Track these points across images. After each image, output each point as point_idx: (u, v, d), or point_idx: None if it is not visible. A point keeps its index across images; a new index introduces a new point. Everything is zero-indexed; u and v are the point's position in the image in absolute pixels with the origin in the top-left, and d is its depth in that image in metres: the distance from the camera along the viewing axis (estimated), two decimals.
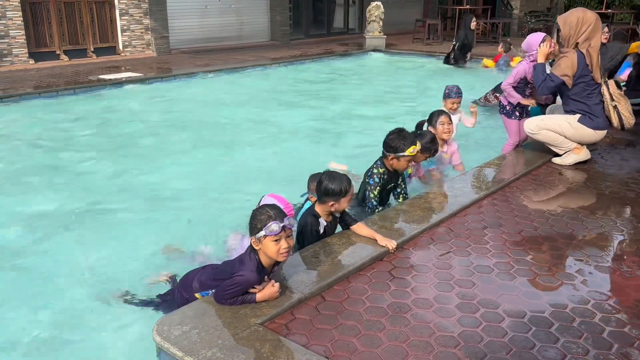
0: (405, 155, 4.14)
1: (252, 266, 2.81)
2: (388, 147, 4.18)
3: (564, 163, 5.30)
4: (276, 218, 2.76)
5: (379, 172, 4.25)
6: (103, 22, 13.04)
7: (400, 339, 2.65)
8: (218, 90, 10.42)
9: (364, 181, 4.39)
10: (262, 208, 2.87)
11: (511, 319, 2.83)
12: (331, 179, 3.49)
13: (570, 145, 5.25)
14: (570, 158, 5.29)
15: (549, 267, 3.37)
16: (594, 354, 2.57)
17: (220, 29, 15.42)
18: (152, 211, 5.00)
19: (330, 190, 3.47)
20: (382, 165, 4.27)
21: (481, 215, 4.15)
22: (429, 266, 3.37)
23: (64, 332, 3.31)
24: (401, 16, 19.94)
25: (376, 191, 4.22)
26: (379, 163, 4.28)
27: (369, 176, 4.27)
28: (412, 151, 4.13)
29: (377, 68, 13.79)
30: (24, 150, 6.68)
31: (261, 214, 2.81)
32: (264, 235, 2.76)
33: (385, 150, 4.21)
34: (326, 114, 8.76)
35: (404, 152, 4.12)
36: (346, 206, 3.59)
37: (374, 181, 4.24)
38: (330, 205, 3.53)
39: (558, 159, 5.34)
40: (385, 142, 4.22)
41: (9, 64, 11.39)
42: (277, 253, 2.79)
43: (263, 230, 2.75)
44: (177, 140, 7.16)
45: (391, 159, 4.19)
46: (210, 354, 2.45)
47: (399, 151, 4.13)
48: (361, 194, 4.41)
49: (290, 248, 2.85)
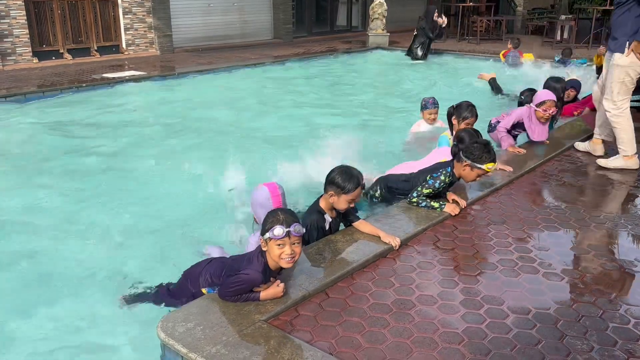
0: (481, 168, 3.94)
1: (258, 266, 2.81)
2: (469, 153, 3.95)
3: (608, 165, 5.10)
4: (283, 222, 2.74)
5: (444, 181, 4.07)
6: (106, 21, 13.05)
7: (405, 335, 2.65)
8: (220, 87, 10.42)
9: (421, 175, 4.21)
10: (275, 211, 2.86)
11: (515, 315, 2.83)
12: (343, 173, 3.47)
13: (632, 149, 5.03)
14: (617, 162, 5.08)
15: (553, 264, 3.36)
16: (598, 350, 2.57)
17: (224, 27, 15.42)
18: (153, 210, 5.00)
19: (335, 181, 3.45)
20: (451, 175, 4.07)
21: (485, 211, 4.15)
22: (433, 263, 3.37)
23: (69, 329, 3.32)
24: (404, 13, 19.90)
25: (427, 191, 4.07)
26: (449, 171, 4.07)
27: (433, 177, 4.07)
28: (489, 167, 3.94)
29: (380, 65, 13.77)
30: (27, 149, 6.69)
31: (271, 215, 2.80)
32: (269, 238, 2.76)
33: (464, 155, 3.98)
34: (328, 111, 8.74)
35: (482, 164, 3.92)
36: (344, 206, 3.52)
37: (433, 183, 4.06)
38: (329, 196, 3.50)
39: (603, 161, 5.17)
40: (467, 147, 4.01)
41: (13, 62, 11.41)
42: (279, 257, 2.78)
43: (268, 233, 2.75)
44: (182, 138, 7.16)
45: (465, 165, 3.97)
46: (214, 351, 2.46)
47: (478, 162, 3.92)
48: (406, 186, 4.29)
49: (296, 255, 2.81)
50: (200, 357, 2.42)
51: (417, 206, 4.06)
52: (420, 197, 4.09)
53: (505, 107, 7.83)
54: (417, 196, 4.09)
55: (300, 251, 2.84)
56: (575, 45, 14.82)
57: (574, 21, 16.19)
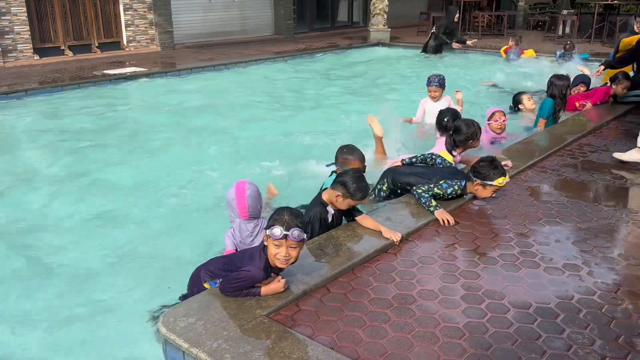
0: (492, 185, 3.98)
1: (259, 263, 2.80)
2: (477, 173, 4.01)
3: (622, 158, 5.10)
4: (284, 224, 2.71)
5: (455, 191, 4.11)
6: (107, 17, 13.04)
7: (406, 330, 2.66)
8: (223, 84, 10.41)
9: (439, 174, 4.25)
10: (282, 209, 2.83)
11: (516, 310, 2.83)
12: (356, 180, 3.50)
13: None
14: (633, 155, 5.06)
15: (554, 259, 3.36)
16: (600, 344, 2.57)
17: (224, 24, 15.39)
18: (157, 206, 5.01)
19: (347, 185, 3.48)
20: (464, 188, 4.13)
21: (487, 206, 4.14)
22: (434, 258, 3.36)
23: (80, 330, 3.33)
24: (405, 9, 19.83)
25: (437, 191, 4.09)
26: (463, 185, 4.12)
27: (448, 183, 4.11)
28: (501, 182, 3.97)
29: (381, 61, 13.74)
30: (28, 145, 6.70)
31: (277, 214, 2.79)
32: (268, 235, 2.76)
33: (473, 175, 4.05)
34: (330, 109, 8.73)
35: (492, 181, 3.96)
36: (344, 208, 3.60)
37: (446, 188, 4.09)
38: (336, 197, 3.54)
39: (618, 154, 5.15)
40: (474, 168, 4.07)
41: (14, 59, 11.41)
42: (274, 256, 2.76)
43: (268, 230, 2.75)
44: (185, 134, 7.15)
45: (477, 184, 4.03)
46: (215, 345, 2.46)
47: (488, 179, 3.97)
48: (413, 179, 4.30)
49: (292, 259, 2.79)
50: (201, 352, 2.42)
51: (417, 198, 4.06)
52: (427, 192, 4.09)
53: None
54: (425, 190, 4.09)
55: (296, 255, 2.81)
56: (578, 40, 14.76)
57: (576, 16, 16.12)
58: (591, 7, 17.15)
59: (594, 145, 5.67)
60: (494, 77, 10.41)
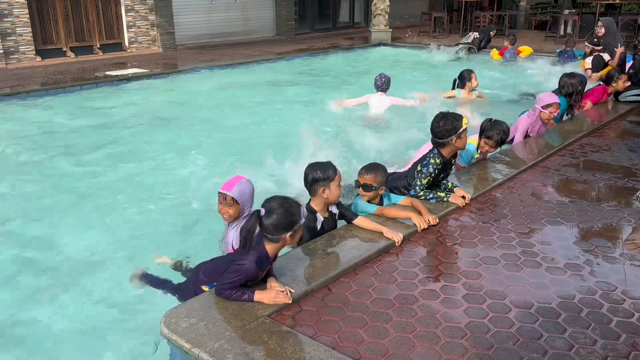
0: (464, 129, 4.04)
1: (252, 256, 2.78)
2: (445, 132, 4.04)
3: None
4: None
5: (435, 163, 4.09)
6: (109, 19, 13.07)
7: (407, 330, 2.66)
8: (224, 85, 10.41)
9: (413, 168, 4.24)
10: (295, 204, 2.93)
11: (518, 309, 2.83)
12: (314, 167, 3.53)
13: None
14: None
15: (556, 258, 3.36)
16: (601, 344, 2.56)
17: (226, 25, 15.41)
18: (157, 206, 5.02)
19: (317, 176, 3.49)
20: (440, 155, 4.11)
21: (488, 206, 4.14)
22: (435, 258, 3.36)
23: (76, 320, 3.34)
24: (407, 9, 19.83)
25: (425, 180, 4.09)
26: (436, 153, 4.12)
27: (424, 165, 4.10)
28: (466, 121, 4.06)
29: (383, 61, 13.73)
30: (30, 146, 6.71)
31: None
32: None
33: (442, 138, 4.06)
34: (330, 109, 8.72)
35: (461, 127, 4.02)
36: (338, 193, 3.53)
37: (427, 170, 4.09)
38: (322, 192, 3.51)
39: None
40: (436, 131, 4.08)
41: (16, 61, 11.44)
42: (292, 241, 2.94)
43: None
44: (188, 135, 7.16)
45: (455, 141, 4.05)
46: (217, 346, 2.47)
47: (457, 129, 4.01)
48: (402, 182, 4.29)
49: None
50: (203, 353, 2.43)
51: (424, 199, 4.06)
52: (423, 189, 4.09)
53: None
54: (420, 190, 4.08)
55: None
56: (581, 40, 14.73)
57: (578, 16, 16.10)
58: (593, 7, 17.14)
59: (595, 145, 5.67)
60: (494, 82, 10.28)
